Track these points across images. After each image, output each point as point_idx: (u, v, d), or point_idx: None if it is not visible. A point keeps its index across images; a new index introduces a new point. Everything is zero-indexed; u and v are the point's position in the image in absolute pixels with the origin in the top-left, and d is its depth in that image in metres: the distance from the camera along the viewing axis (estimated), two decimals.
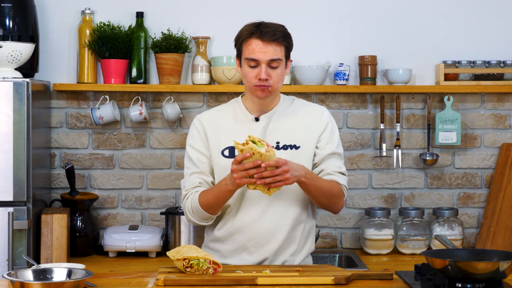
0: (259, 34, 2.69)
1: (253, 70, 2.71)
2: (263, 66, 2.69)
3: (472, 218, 3.86)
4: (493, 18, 3.83)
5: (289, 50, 2.78)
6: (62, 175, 3.75)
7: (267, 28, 2.71)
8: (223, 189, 2.67)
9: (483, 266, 2.32)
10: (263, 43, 2.69)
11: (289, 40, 2.76)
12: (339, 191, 2.77)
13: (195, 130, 2.86)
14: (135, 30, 3.70)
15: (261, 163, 2.52)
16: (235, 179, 2.58)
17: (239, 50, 2.76)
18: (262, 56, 2.69)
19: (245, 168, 2.54)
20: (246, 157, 2.53)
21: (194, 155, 2.83)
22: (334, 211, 2.82)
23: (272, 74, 2.71)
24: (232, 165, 2.57)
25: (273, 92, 2.75)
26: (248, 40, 2.71)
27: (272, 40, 2.69)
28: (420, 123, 3.84)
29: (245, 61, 2.73)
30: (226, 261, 2.80)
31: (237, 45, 2.77)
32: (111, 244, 3.53)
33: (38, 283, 2.30)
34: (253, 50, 2.70)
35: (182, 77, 3.78)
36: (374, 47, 3.80)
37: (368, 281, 2.54)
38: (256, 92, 2.74)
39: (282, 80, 2.77)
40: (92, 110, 3.68)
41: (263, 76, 2.69)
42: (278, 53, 2.70)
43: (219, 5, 3.78)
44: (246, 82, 2.75)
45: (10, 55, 3.27)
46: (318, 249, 3.75)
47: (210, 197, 2.72)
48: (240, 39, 2.75)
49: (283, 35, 2.73)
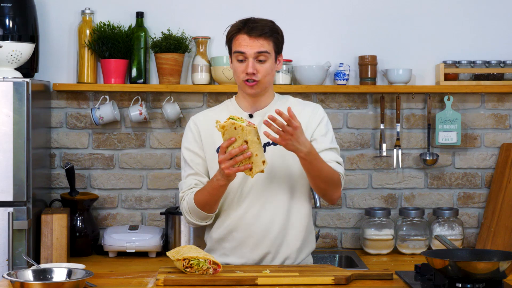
0: (247, 29, 2.72)
1: (241, 65, 2.73)
2: (250, 60, 2.71)
3: (472, 218, 3.86)
4: (493, 18, 3.83)
5: (279, 45, 2.78)
6: (62, 175, 3.75)
7: (255, 23, 2.73)
8: (215, 185, 2.67)
9: (483, 266, 2.32)
10: (250, 38, 2.71)
11: (277, 35, 2.77)
12: (338, 179, 2.76)
13: (189, 131, 2.87)
14: (135, 30, 3.70)
15: (246, 147, 2.52)
16: (223, 169, 2.58)
17: (229, 47, 2.79)
18: (249, 49, 2.71)
19: (231, 155, 2.54)
20: (231, 142, 2.53)
21: (188, 157, 2.84)
22: (331, 199, 2.79)
23: (259, 69, 2.72)
24: (219, 156, 2.58)
25: (261, 87, 2.76)
26: (236, 35, 2.74)
27: (259, 35, 2.71)
28: (420, 123, 3.84)
29: (233, 55, 2.75)
30: (228, 258, 2.81)
31: (227, 42, 2.80)
32: (111, 244, 3.54)
33: (38, 283, 2.30)
34: (239, 44, 2.72)
35: (182, 77, 3.78)
36: (374, 47, 3.80)
37: (368, 281, 2.54)
38: (245, 88, 2.75)
39: (272, 75, 2.78)
40: (92, 110, 3.68)
41: (250, 70, 2.70)
42: (265, 47, 2.72)
43: (219, 5, 3.78)
44: (236, 78, 2.78)
45: (10, 55, 3.27)
46: (318, 249, 3.75)
47: (204, 195, 2.73)
48: (228, 35, 2.78)
49: (271, 29, 2.74)
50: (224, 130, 2.54)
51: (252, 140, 2.53)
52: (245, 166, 2.55)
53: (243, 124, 2.52)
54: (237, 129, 2.52)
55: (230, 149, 2.54)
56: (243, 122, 2.53)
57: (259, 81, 2.73)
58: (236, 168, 2.56)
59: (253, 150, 2.53)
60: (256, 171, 2.56)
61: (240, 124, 2.52)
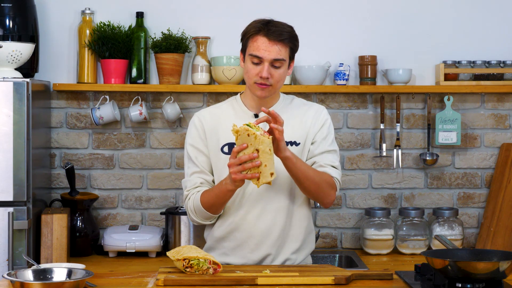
0: (266, 32, 2.69)
1: (255, 67, 2.71)
2: (266, 64, 2.69)
3: (472, 218, 3.86)
4: (493, 18, 3.83)
5: (294, 51, 2.77)
6: (62, 175, 3.75)
7: (275, 27, 2.70)
8: (223, 189, 2.67)
9: (483, 266, 2.32)
10: (269, 42, 2.69)
11: (295, 42, 2.76)
12: (330, 182, 2.75)
13: (194, 128, 2.85)
14: (135, 30, 3.71)
15: (256, 156, 2.51)
16: (231, 174, 2.57)
17: (245, 45, 2.76)
18: (267, 54, 2.69)
19: (241, 161, 2.53)
20: (243, 148, 2.53)
21: (193, 154, 2.83)
22: (324, 202, 2.78)
23: (274, 74, 2.71)
24: (229, 159, 2.57)
25: (272, 91, 2.75)
26: (255, 36, 2.71)
27: (278, 40, 2.69)
28: (420, 123, 3.84)
29: (249, 57, 2.72)
30: (228, 258, 2.81)
31: (243, 39, 2.77)
32: (111, 244, 3.54)
33: (38, 283, 2.30)
34: (258, 47, 2.69)
35: (182, 77, 3.78)
36: (374, 47, 3.80)
37: (368, 281, 2.54)
38: (255, 90, 2.74)
39: (283, 80, 2.77)
40: (92, 110, 3.68)
41: (264, 74, 2.69)
42: (282, 54, 2.70)
43: (219, 5, 3.78)
44: (247, 78, 2.75)
45: (10, 55, 3.27)
46: (318, 249, 3.75)
47: (211, 197, 2.72)
48: (247, 34, 2.74)
49: (290, 36, 2.72)
50: (238, 135, 2.53)
51: (264, 150, 2.51)
52: (252, 175, 2.54)
53: (257, 133, 2.51)
54: (250, 136, 2.51)
55: (240, 155, 2.54)
56: (258, 131, 2.52)
57: (271, 85, 2.73)
58: (243, 175, 2.55)
59: (263, 160, 2.52)
60: (263, 181, 2.54)
61: (253, 132, 2.51)
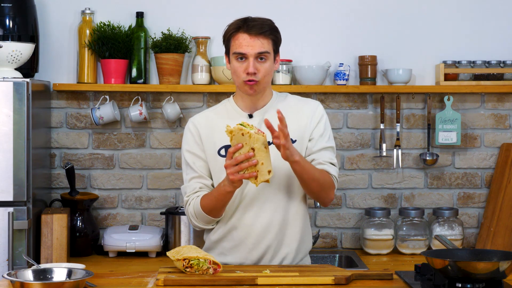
0: (246, 28, 2.70)
1: (241, 65, 2.72)
2: (251, 59, 2.70)
3: (472, 218, 3.86)
4: (493, 18, 3.83)
5: (277, 44, 2.78)
6: (62, 175, 3.75)
7: (254, 22, 2.72)
8: (222, 191, 2.67)
9: (483, 266, 2.32)
10: (251, 37, 2.70)
11: (277, 34, 2.77)
12: (330, 182, 2.76)
13: (189, 133, 2.85)
14: (135, 30, 3.71)
15: (252, 155, 2.51)
16: (228, 175, 2.57)
17: (227, 46, 2.77)
18: (250, 49, 2.69)
19: (237, 161, 2.53)
20: (238, 148, 2.52)
21: (190, 159, 2.83)
22: (324, 202, 2.80)
23: (260, 68, 2.71)
24: (226, 161, 2.57)
25: (261, 87, 2.75)
26: (236, 34, 2.72)
27: (259, 33, 2.70)
28: (420, 123, 3.84)
29: (233, 55, 2.73)
30: (227, 258, 2.81)
31: (225, 41, 2.78)
32: (111, 244, 3.54)
33: (38, 283, 2.30)
34: (240, 44, 2.70)
35: (182, 77, 3.78)
36: (374, 47, 3.80)
37: (368, 281, 2.54)
38: (244, 88, 2.74)
39: (271, 74, 2.77)
40: (92, 110, 3.68)
41: (251, 69, 2.69)
42: (265, 46, 2.71)
43: (219, 5, 3.79)
44: (236, 78, 2.76)
45: (10, 55, 3.27)
46: (318, 249, 3.75)
47: (211, 200, 2.72)
48: (227, 34, 2.76)
49: (270, 28, 2.73)
50: (232, 135, 2.53)
51: (259, 148, 2.51)
52: (250, 174, 2.53)
53: (251, 131, 2.50)
54: (245, 135, 2.51)
55: (236, 155, 2.54)
56: (251, 129, 2.52)
57: (259, 81, 2.72)
58: (241, 175, 2.55)
59: (259, 158, 2.52)
60: (261, 179, 2.54)
61: (248, 131, 2.50)
